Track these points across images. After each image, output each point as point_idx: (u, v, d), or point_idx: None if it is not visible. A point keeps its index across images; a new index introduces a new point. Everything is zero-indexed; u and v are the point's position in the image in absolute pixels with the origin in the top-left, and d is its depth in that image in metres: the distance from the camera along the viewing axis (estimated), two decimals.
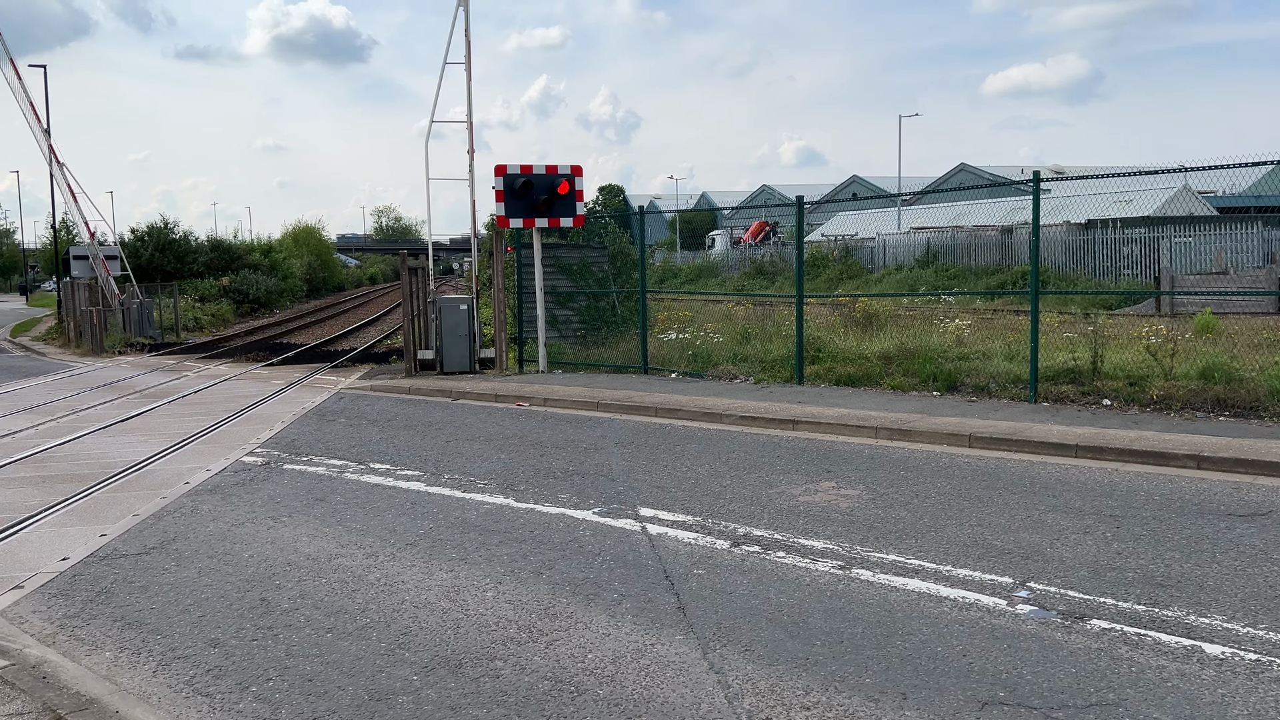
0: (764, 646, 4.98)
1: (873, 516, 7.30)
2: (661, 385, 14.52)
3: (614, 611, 5.54)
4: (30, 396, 16.94)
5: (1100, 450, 8.96)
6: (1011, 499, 7.68)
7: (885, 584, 5.84)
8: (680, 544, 6.79)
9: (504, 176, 16.28)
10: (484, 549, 6.83)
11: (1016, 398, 11.62)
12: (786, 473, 8.89)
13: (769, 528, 7.10)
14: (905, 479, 8.49)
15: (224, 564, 6.66)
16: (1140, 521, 6.92)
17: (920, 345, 13.98)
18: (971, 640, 4.96)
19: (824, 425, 10.79)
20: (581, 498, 8.20)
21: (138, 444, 11.46)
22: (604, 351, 17.52)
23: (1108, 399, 11.01)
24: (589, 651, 5.00)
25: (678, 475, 8.95)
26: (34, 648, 5.25)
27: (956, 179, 71.64)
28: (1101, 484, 8.08)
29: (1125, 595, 5.48)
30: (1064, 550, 6.33)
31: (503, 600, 5.78)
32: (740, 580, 6.00)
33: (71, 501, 8.63)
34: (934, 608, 5.43)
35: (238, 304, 42.30)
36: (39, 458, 10.82)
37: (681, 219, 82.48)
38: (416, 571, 6.36)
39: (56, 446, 11.46)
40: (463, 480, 9.00)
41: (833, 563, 6.26)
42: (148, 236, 44.29)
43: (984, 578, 5.87)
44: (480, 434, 11.55)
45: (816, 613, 5.41)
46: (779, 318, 18.17)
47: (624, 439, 10.97)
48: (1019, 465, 8.89)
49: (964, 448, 9.68)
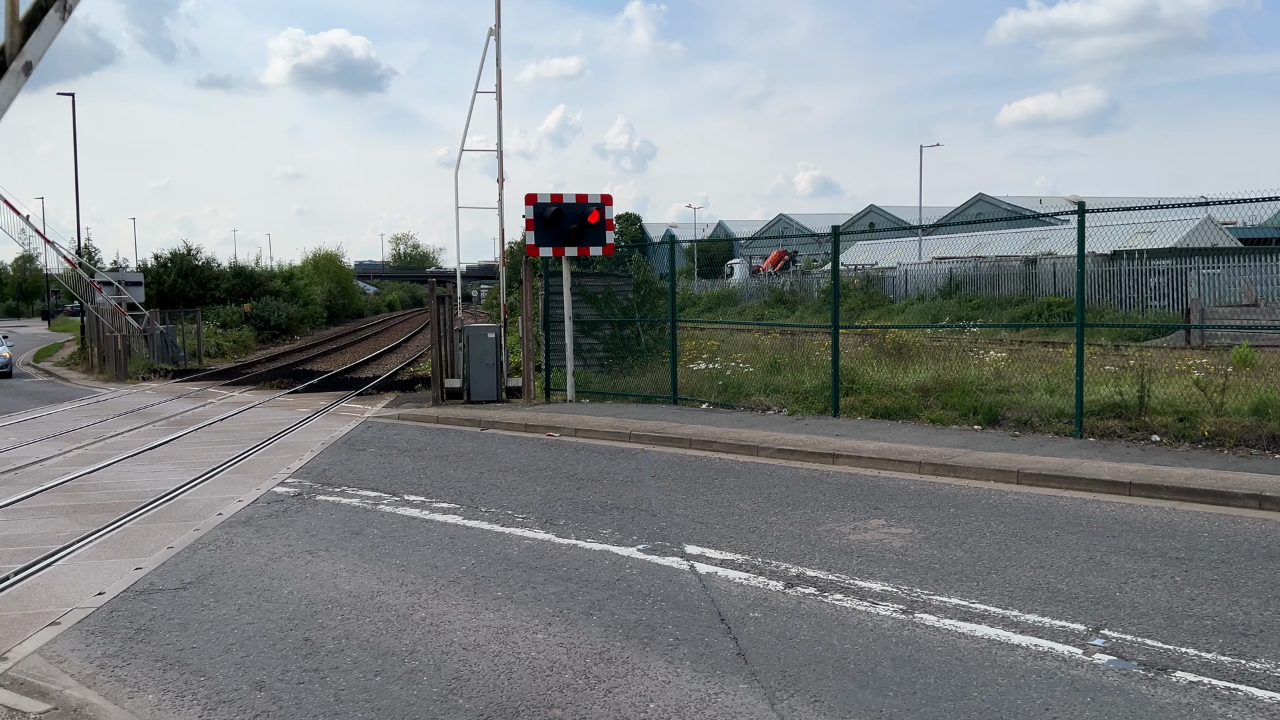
0: (833, 697, 4.76)
1: (929, 557, 7.07)
2: (693, 416, 14.33)
3: (671, 657, 5.33)
4: (56, 423, 16.89)
5: (1155, 488, 8.70)
6: (1070, 539, 7.44)
7: (952, 629, 5.61)
8: (732, 584, 6.58)
9: (535, 205, 16.21)
10: (529, 587, 6.63)
11: (1061, 432, 11.37)
12: (833, 509, 8.67)
13: (822, 568, 6.88)
14: (956, 517, 8.26)
15: (264, 600, 6.49)
16: (1209, 565, 6.67)
17: (957, 377, 13.76)
18: (1052, 693, 4.73)
19: (865, 459, 10.57)
20: (624, 534, 8.00)
21: (167, 473, 11.34)
22: (631, 381, 17.35)
23: (1156, 435, 10.75)
24: (650, 700, 4.79)
25: (720, 511, 8.74)
26: (74, 689, 5.09)
27: (974, 209, 71.52)
28: (1161, 524, 7.83)
29: (1208, 645, 5.24)
30: (1134, 595, 6.08)
31: (554, 643, 5.58)
32: (800, 624, 5.78)
33: (104, 532, 8.49)
34: (1006, 656, 5.20)
35: (259, 330, 42.44)
36: (68, 486, 10.71)
37: (699, 248, 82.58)
38: (462, 611, 6.17)
39: (86, 475, 11.35)
40: (500, 514, 8.82)
41: (894, 606, 6.03)
42: (171, 263, 44.60)
43: (1055, 624, 5.63)
44: (513, 465, 11.38)
45: (884, 660, 5.19)
46: (809, 347, 17.98)
47: (660, 472, 10.78)
48: (1072, 503, 8.64)
49: (1012, 484, 9.43)
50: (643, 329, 18.96)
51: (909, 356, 16.38)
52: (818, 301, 39.86)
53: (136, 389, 23.61)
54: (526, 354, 17.55)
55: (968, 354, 16.35)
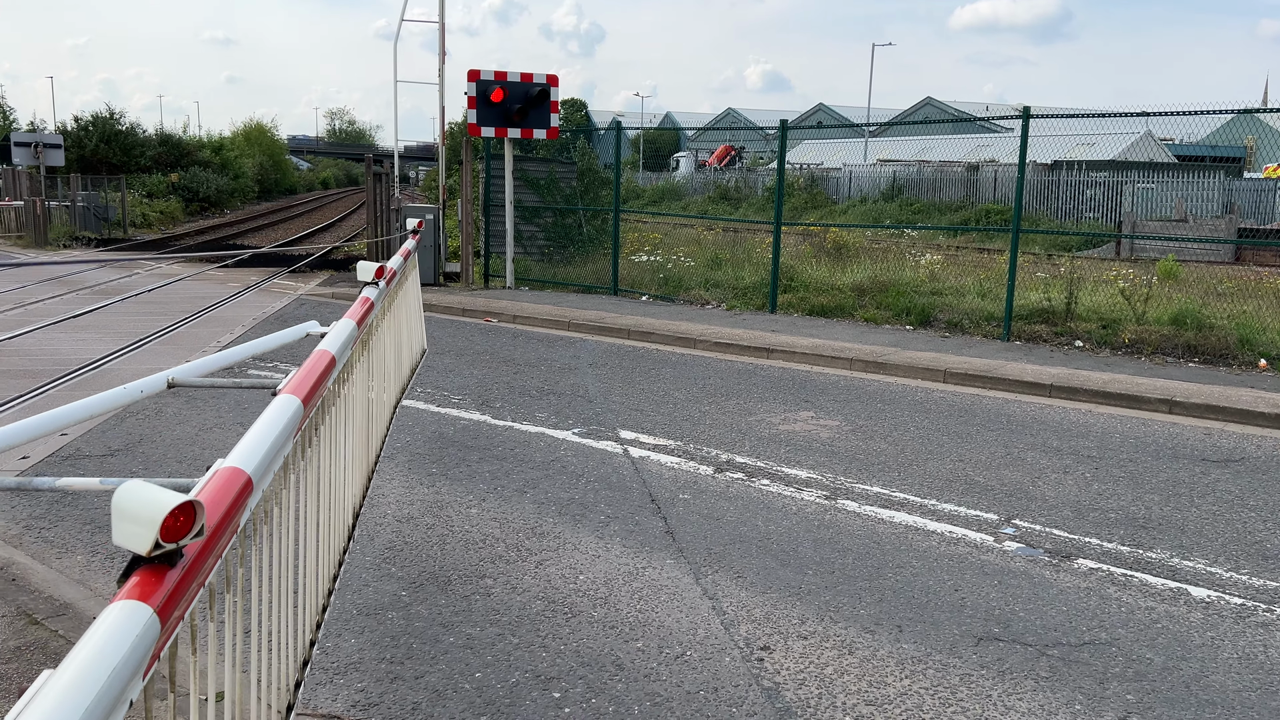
0: (756, 574, 4.95)
1: (854, 448, 7.30)
2: (633, 308, 14.36)
3: (602, 534, 5.47)
4: None
5: (1074, 391, 9.04)
6: (990, 436, 7.73)
7: (872, 515, 5.84)
8: (664, 468, 6.73)
9: (477, 82, 15.72)
10: (464, 465, 6.70)
11: (990, 335, 11.67)
12: (764, 401, 8.85)
13: (751, 455, 7.06)
14: (883, 411, 8.50)
15: (195, 469, 6.46)
16: (1118, 463, 7.00)
17: (893, 279, 13.96)
18: (962, 575, 4.98)
19: (799, 355, 10.75)
20: (560, 418, 8.08)
21: (92, 342, 11.06)
22: (572, 270, 17.24)
23: (1080, 340, 11.10)
24: (580, 573, 4.93)
25: (656, 399, 8.86)
26: (0, 548, 5.05)
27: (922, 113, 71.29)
28: (1077, 424, 8.16)
29: (1109, 536, 5.54)
30: (1046, 489, 6.38)
31: (488, 518, 5.68)
32: (727, 506, 5.96)
33: (27, 399, 8.30)
34: (922, 541, 5.45)
35: (187, 202, 40.92)
36: None
37: (645, 138, 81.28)
38: (396, 485, 6.22)
39: (5, 340, 11.02)
40: (436, 394, 8.82)
41: (818, 493, 6.24)
42: (92, 126, 42.50)
43: (969, 513, 5.90)
44: (450, 348, 11.34)
45: (806, 542, 5.39)
46: (750, 244, 18.02)
47: (597, 360, 10.84)
48: (994, 403, 8.95)
49: (939, 383, 9.71)
50: (585, 218, 18.75)
51: (848, 257, 16.53)
52: (762, 199, 39.73)
53: (56, 256, 22.77)
54: (465, 238, 17.28)
55: (905, 256, 16.55)
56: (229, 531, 1.98)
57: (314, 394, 2.92)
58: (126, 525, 1.55)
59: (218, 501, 1.90)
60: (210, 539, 1.76)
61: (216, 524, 1.82)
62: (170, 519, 1.55)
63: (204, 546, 1.72)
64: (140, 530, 1.54)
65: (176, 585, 1.59)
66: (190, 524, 1.59)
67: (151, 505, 1.55)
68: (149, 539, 1.54)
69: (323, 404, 3.21)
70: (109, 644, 1.37)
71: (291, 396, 2.71)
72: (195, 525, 1.60)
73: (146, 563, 1.57)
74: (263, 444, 2.29)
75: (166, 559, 1.59)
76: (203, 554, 1.73)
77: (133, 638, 1.40)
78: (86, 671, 1.30)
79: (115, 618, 1.43)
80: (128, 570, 1.57)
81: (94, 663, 1.32)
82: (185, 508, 1.58)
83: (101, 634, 1.39)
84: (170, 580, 1.57)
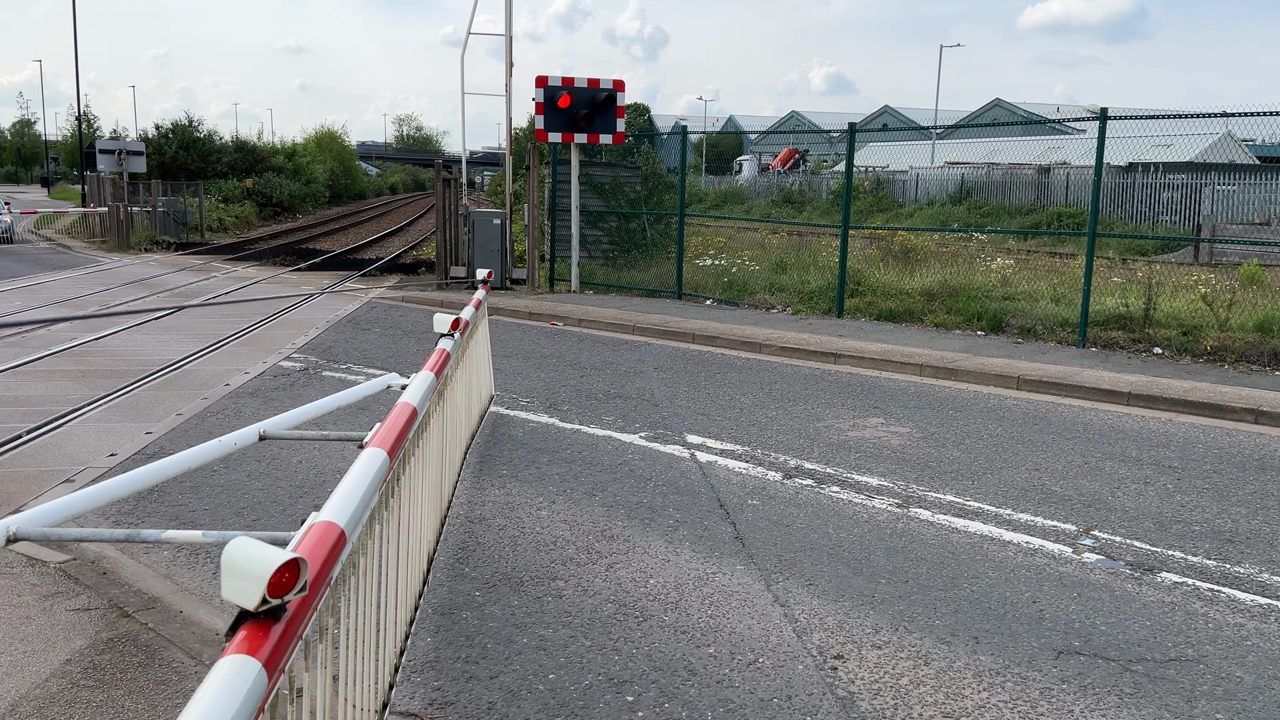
0: (827, 581, 4.91)
1: (926, 455, 7.19)
2: (697, 311, 14.34)
3: (671, 537, 5.48)
4: (60, 290, 16.89)
5: (1154, 399, 8.79)
6: (1066, 444, 7.55)
7: (945, 525, 5.75)
8: (731, 473, 6.71)
9: (545, 88, 15.87)
10: (534, 467, 6.76)
11: (1064, 341, 11.41)
12: (833, 406, 8.77)
13: (820, 461, 7.00)
14: (955, 419, 8.36)
15: (273, 469, 6.63)
16: (1201, 474, 6.79)
17: (964, 283, 13.72)
18: (1040, 587, 4.88)
19: (867, 360, 10.63)
20: (627, 421, 8.11)
21: (174, 343, 11.41)
22: (636, 274, 17.29)
23: (1159, 347, 10.79)
24: (650, 577, 4.94)
25: (721, 404, 8.84)
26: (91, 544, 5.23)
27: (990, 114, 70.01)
28: (1157, 434, 7.94)
29: (1194, 549, 5.38)
30: (1125, 500, 6.21)
31: (558, 520, 5.73)
32: (796, 513, 5.92)
33: (113, 397, 8.60)
34: (998, 551, 5.35)
35: (261, 206, 41.97)
36: (76, 351, 10.79)
37: (708, 142, 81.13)
38: (469, 486, 6.30)
39: (93, 341, 11.42)
40: (504, 396, 8.91)
41: (890, 500, 6.17)
42: (172, 134, 43.82)
43: (1046, 523, 5.77)
44: (517, 351, 11.45)
45: (878, 550, 5.33)
46: (816, 248, 17.88)
47: (662, 364, 10.85)
48: (1070, 410, 8.74)
49: (1012, 390, 9.52)
50: (649, 222, 18.79)
51: (916, 261, 16.29)
52: (826, 202, 39.40)
53: (139, 259, 23.54)
54: (532, 242, 17.44)
55: (975, 260, 16.26)
56: (325, 585, 2.04)
57: (398, 446, 2.98)
58: (235, 580, 1.61)
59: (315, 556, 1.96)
60: (311, 593, 1.82)
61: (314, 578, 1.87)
62: (277, 576, 1.60)
63: (304, 601, 1.77)
64: (249, 586, 1.60)
65: (280, 638, 1.64)
66: (294, 580, 1.64)
67: (259, 562, 1.60)
68: (257, 595, 1.59)
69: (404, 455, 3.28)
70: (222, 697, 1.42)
71: (378, 450, 2.77)
72: (299, 581, 1.66)
73: (253, 617, 1.63)
74: (354, 497, 2.35)
75: (272, 614, 1.64)
76: (302, 608, 1.78)
77: (244, 692, 1.46)
78: None
79: (226, 671, 1.48)
80: (235, 624, 1.63)
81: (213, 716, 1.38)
82: (290, 565, 1.63)
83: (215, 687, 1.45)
84: (275, 634, 1.62)
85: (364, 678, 2.68)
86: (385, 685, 3.07)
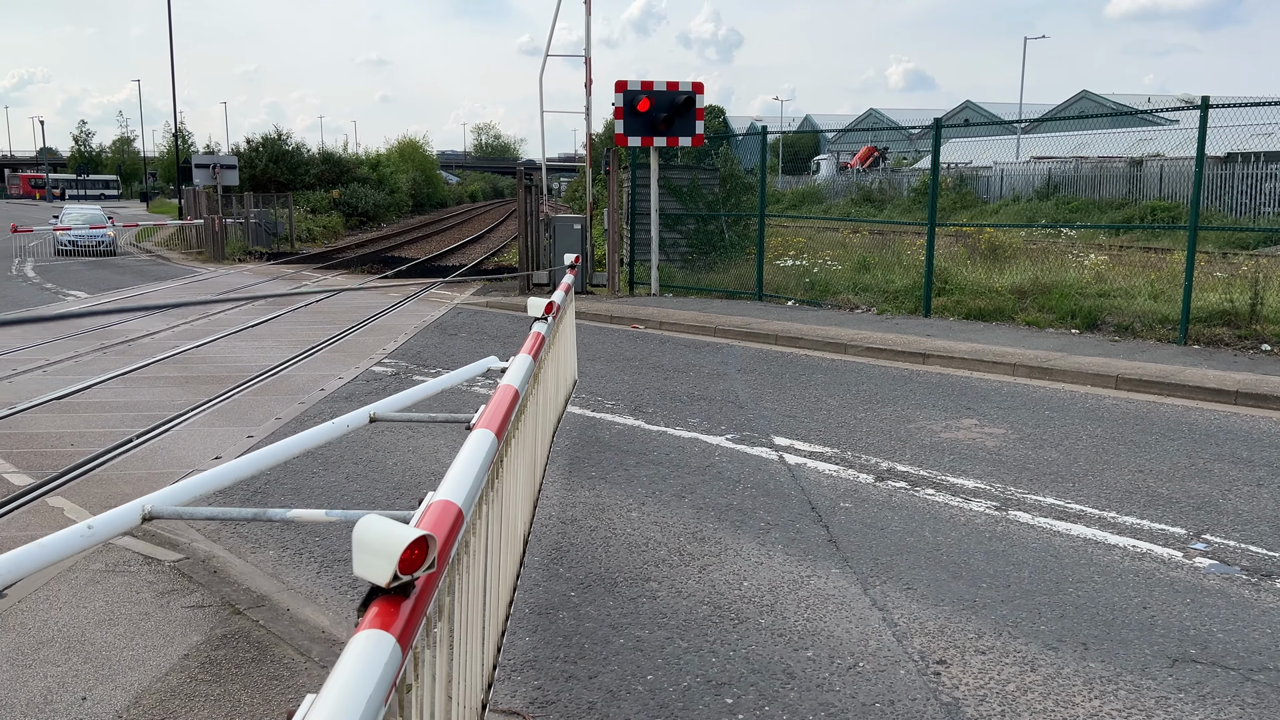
0: (926, 585, 4.82)
1: (1023, 457, 7.01)
2: (779, 313, 14.24)
3: (763, 540, 5.44)
4: (162, 299, 17.57)
5: (1264, 398, 8.42)
6: (1171, 445, 7.28)
7: (1047, 528, 5.59)
8: (821, 475, 6.64)
9: (624, 93, 15.95)
10: (622, 469, 6.79)
11: (1164, 339, 11.01)
12: (923, 407, 8.62)
13: (913, 464, 6.88)
14: (1051, 419, 8.14)
15: (370, 470, 6.79)
16: None
17: (1055, 280, 13.35)
18: (1150, 592, 4.71)
19: (957, 360, 10.42)
20: (712, 423, 8.09)
21: (270, 349, 11.77)
22: (715, 276, 17.25)
23: (1268, 344, 10.34)
24: (744, 579, 4.92)
25: (808, 405, 8.76)
26: (201, 543, 5.43)
27: (1077, 107, 67.96)
28: (1269, 434, 7.60)
29: None
30: (1238, 503, 5.96)
31: (648, 522, 5.74)
32: (891, 516, 5.82)
33: (215, 402, 8.91)
34: (1103, 555, 5.18)
35: (347, 216, 43.09)
36: (179, 358, 11.21)
37: (784, 142, 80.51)
38: (559, 487, 6.36)
39: (194, 348, 11.85)
40: (590, 399, 8.98)
41: (987, 503, 6.03)
42: (262, 147, 45.23)
43: (1154, 527, 5.57)
44: (601, 354, 11.52)
45: (977, 554, 5.22)
46: (899, 246, 17.60)
47: (745, 366, 10.80)
48: (1173, 410, 8.43)
49: (1110, 389, 9.23)
50: (727, 224, 18.74)
51: (1004, 258, 15.91)
52: (907, 200, 38.73)
53: (234, 269, 24.37)
54: (612, 246, 17.53)
55: (1066, 256, 15.81)
56: (448, 563, 2.07)
57: (504, 427, 3.01)
58: (367, 557, 1.64)
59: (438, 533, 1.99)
60: (437, 570, 1.85)
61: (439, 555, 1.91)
62: (407, 553, 1.63)
63: (430, 577, 1.80)
64: (380, 563, 1.63)
65: (410, 614, 1.67)
66: (424, 557, 1.67)
67: (390, 539, 1.63)
68: (389, 571, 1.62)
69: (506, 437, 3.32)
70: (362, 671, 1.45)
71: (487, 431, 2.80)
72: (428, 558, 1.68)
73: (384, 593, 1.66)
74: (468, 476, 2.38)
75: (402, 590, 1.67)
76: (429, 584, 1.81)
77: (382, 665, 1.48)
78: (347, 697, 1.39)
79: (363, 646, 1.51)
80: (366, 600, 1.66)
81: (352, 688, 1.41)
82: (420, 542, 1.65)
83: (353, 661, 1.47)
84: (405, 610, 1.65)
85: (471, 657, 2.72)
86: (490, 665, 3.11)
